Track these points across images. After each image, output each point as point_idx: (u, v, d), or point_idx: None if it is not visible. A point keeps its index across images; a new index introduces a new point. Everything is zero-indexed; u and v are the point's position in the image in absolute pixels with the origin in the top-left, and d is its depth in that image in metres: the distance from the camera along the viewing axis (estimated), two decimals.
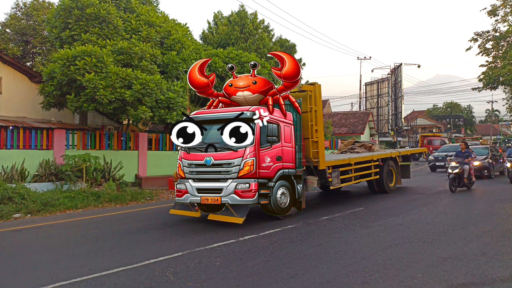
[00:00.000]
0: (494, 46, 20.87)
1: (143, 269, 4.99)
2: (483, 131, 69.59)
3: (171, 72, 14.26)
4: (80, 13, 12.90)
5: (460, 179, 12.09)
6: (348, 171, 10.19)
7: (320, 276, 4.60)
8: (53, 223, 8.53)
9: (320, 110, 8.92)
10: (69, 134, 13.21)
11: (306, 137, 8.63)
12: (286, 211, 7.97)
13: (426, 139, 34.17)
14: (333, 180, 9.34)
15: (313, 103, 8.77)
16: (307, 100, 8.72)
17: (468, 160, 12.33)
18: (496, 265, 4.85)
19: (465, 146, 12.90)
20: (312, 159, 8.67)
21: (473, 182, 12.56)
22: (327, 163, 9.09)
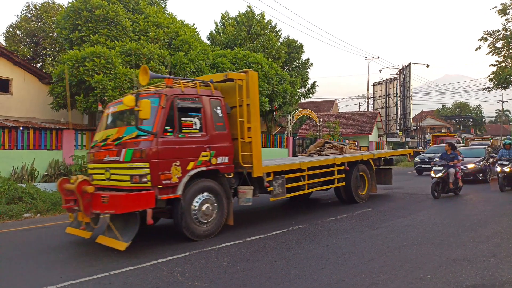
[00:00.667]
0: (504, 45, 20.62)
1: (151, 269, 5.02)
2: (493, 132, 68.67)
3: (179, 73, 14.32)
4: (89, 14, 13.03)
5: (445, 184, 11.07)
6: (299, 178, 8.52)
7: (328, 277, 4.58)
8: (63, 223, 8.61)
9: (255, 103, 7.26)
10: (78, 135, 13.34)
11: (236, 137, 7.11)
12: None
13: (438, 139, 33.44)
14: (275, 189, 7.70)
15: (245, 95, 7.10)
16: (236, 92, 7.14)
17: (453, 162, 11.21)
18: (507, 267, 4.79)
19: (449, 147, 11.74)
20: (243, 164, 7.05)
21: (460, 187, 11.55)
22: (266, 169, 7.44)
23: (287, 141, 21.87)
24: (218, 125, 6.84)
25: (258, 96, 7.38)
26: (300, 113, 25.93)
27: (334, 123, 29.74)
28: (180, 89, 6.60)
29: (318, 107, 42.04)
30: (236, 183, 7.24)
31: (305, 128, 34.45)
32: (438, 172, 10.96)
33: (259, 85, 17.61)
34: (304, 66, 29.82)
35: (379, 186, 11.80)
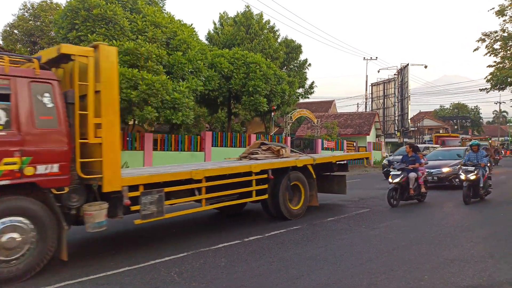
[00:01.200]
0: (502, 46, 20.68)
1: (149, 269, 5.00)
2: (491, 133, 68.89)
3: (177, 72, 14.29)
4: (87, 14, 12.99)
5: (404, 190, 9.83)
6: (192, 191, 6.48)
7: (326, 277, 4.58)
8: None
9: (110, 90, 5.38)
10: None
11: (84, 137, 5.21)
12: None
13: (440, 139, 33.16)
14: (144, 208, 5.68)
15: (91, 78, 5.21)
16: (75, 74, 5.28)
17: (413, 166, 9.97)
18: (504, 267, 4.79)
19: (411, 149, 10.56)
20: (83, 174, 5.16)
21: (424, 193, 10.29)
22: (129, 180, 5.54)
23: (285, 142, 21.87)
24: (42, 120, 4.91)
25: (116, 81, 5.48)
26: (298, 114, 25.93)
27: (332, 124, 29.78)
28: None
29: (316, 107, 42.06)
30: (80, 201, 5.23)
31: (303, 128, 34.46)
32: (395, 177, 9.70)
33: (258, 86, 17.62)
34: (302, 66, 29.82)
35: (338, 196, 10.49)
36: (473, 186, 9.95)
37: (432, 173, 13.03)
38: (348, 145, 28.18)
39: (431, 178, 13.02)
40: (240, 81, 18.00)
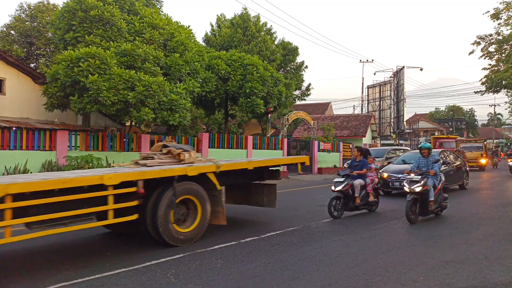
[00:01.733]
0: (497, 49, 20.85)
1: (144, 271, 5.00)
2: (486, 135, 69.33)
3: (174, 74, 14.30)
4: (84, 15, 12.98)
5: (349, 200, 8.62)
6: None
7: (321, 278, 4.60)
8: None
9: None
10: (72, 135, 13.26)
11: None
12: None
13: (438, 141, 32.90)
14: None
15: None
16: None
17: (359, 172, 8.77)
18: (498, 269, 4.83)
19: (359, 152, 9.23)
20: None
21: (374, 202, 9.14)
22: None
23: (282, 143, 21.91)
24: None
25: None
26: (295, 115, 25.99)
27: (328, 126, 29.85)
28: None
29: (313, 109, 42.16)
30: None
31: (300, 130, 34.53)
32: (338, 184, 8.51)
33: (254, 87, 17.67)
34: (299, 69, 29.92)
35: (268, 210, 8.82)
36: (420, 200, 7.94)
37: (399, 179, 11.73)
38: (345, 147, 28.27)
39: (399, 184, 11.69)
40: (237, 82, 18.04)
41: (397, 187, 11.94)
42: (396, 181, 12.04)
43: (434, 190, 8.05)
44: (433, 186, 8.04)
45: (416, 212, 7.91)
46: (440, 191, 8.39)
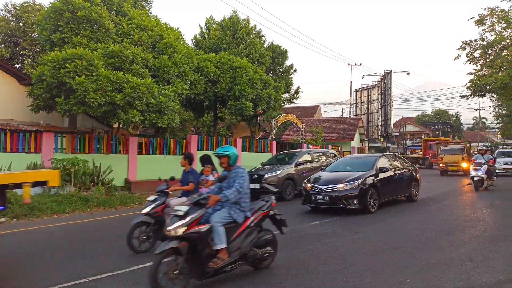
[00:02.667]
0: (481, 54, 21.24)
1: (131, 275, 4.93)
2: (471, 138, 70.64)
3: (163, 76, 14.21)
4: (71, 15, 12.82)
5: (161, 226, 6.05)
6: None
7: (309, 281, 4.61)
8: (40, 228, 8.40)
9: None
10: (58, 137, 13.05)
11: None
12: None
13: (428, 144, 32.51)
14: None
15: None
16: None
17: (184, 189, 6.65)
18: (483, 270, 4.91)
19: (186, 160, 6.90)
20: None
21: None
22: None
23: (271, 146, 21.93)
24: None
25: None
26: (284, 118, 26.06)
27: (317, 129, 30.01)
28: None
29: (301, 112, 42.35)
30: None
31: (289, 133, 34.64)
32: (148, 205, 6.20)
33: (244, 90, 17.67)
34: (288, 72, 30.03)
35: None
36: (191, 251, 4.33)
37: (323, 191, 9.35)
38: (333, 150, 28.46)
39: (322, 198, 9.33)
40: (226, 85, 18.02)
41: (320, 202, 9.48)
42: (318, 194, 9.43)
43: (236, 229, 4.66)
44: (228, 222, 4.59)
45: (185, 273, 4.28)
46: (251, 231, 4.86)
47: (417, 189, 11.72)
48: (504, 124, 41.23)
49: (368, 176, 9.65)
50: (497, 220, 8.61)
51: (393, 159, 11.64)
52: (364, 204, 9.24)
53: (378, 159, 10.53)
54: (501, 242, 6.44)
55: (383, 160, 10.80)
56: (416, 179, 11.80)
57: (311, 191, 9.63)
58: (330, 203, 9.28)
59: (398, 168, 11.16)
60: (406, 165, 11.81)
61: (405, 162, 12.03)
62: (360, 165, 10.67)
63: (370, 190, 9.44)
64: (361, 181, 9.36)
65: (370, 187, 9.47)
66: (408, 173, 11.45)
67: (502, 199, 12.01)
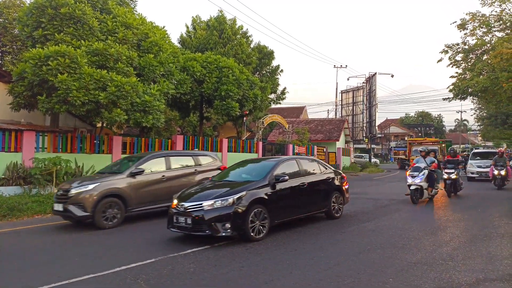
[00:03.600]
0: (463, 58, 21.70)
1: (114, 276, 4.86)
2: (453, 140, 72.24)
3: (148, 75, 14.06)
4: (54, 12, 12.56)
5: None
6: None
7: (295, 281, 4.62)
8: (20, 229, 8.19)
9: None
10: (39, 136, 12.76)
11: None
12: None
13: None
14: None
15: None
16: None
17: None
18: (463, 269, 5.01)
19: None
20: None
21: None
22: None
23: (257, 146, 21.95)
24: None
25: None
26: (270, 119, 26.11)
27: (303, 129, 30.18)
28: None
29: (288, 113, 42.52)
30: None
31: (275, 133, 34.73)
32: None
33: (230, 90, 17.63)
34: (274, 72, 30.11)
35: None
36: None
37: (186, 210, 6.72)
38: (319, 151, 28.66)
39: (184, 220, 6.72)
40: (213, 85, 17.95)
41: (182, 226, 6.78)
42: (181, 215, 6.78)
43: None
44: None
45: None
46: None
47: (340, 202, 9.08)
48: (485, 126, 42.25)
49: (254, 188, 7.00)
50: (477, 220, 8.78)
51: (305, 163, 8.69)
52: (241, 230, 6.57)
53: (278, 165, 7.83)
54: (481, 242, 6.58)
55: (286, 165, 8.06)
56: (340, 189, 9.13)
57: (174, 210, 6.97)
58: (193, 227, 6.60)
59: (311, 176, 8.45)
60: (326, 171, 9.06)
61: (326, 168, 9.22)
62: (258, 172, 7.82)
63: (254, 209, 6.73)
64: (239, 196, 6.67)
65: (254, 204, 6.78)
66: (328, 182, 8.82)
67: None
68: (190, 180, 9.76)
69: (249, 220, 6.67)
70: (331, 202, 8.77)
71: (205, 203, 6.67)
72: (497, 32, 20.51)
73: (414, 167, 12.01)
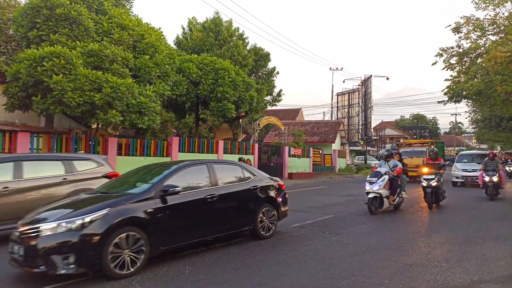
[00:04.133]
0: (458, 61, 21.82)
1: (107, 278, 4.82)
2: (448, 142, 72.66)
3: (144, 76, 14.03)
4: (49, 13, 12.51)
5: None
6: None
7: (290, 283, 4.61)
8: None
9: None
10: (34, 138, 12.68)
11: None
12: None
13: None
14: None
15: None
16: None
17: None
18: (458, 271, 5.04)
19: None
20: None
21: None
22: None
23: (253, 148, 21.95)
24: None
25: None
26: (266, 121, 26.14)
27: (299, 131, 30.25)
28: None
29: (284, 115, 42.59)
30: None
31: (271, 135, 34.76)
32: None
33: (226, 92, 17.64)
34: (270, 74, 30.16)
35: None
36: None
37: (21, 236, 4.86)
38: (314, 153, 28.72)
39: (18, 251, 4.80)
40: (209, 87, 17.95)
41: (16, 258, 4.83)
42: (16, 242, 4.90)
43: None
44: None
45: None
46: None
47: (272, 217, 7.14)
48: (479, 129, 42.57)
49: (125, 203, 5.18)
50: (472, 221, 8.82)
51: (222, 170, 6.82)
52: (94, 265, 4.72)
53: (176, 172, 6.01)
54: None
55: (189, 172, 6.27)
56: (272, 201, 7.24)
57: (12, 237, 5.07)
58: (25, 260, 4.71)
59: (227, 186, 6.59)
60: (253, 179, 7.10)
61: (254, 175, 7.23)
62: (145, 181, 6.09)
63: (120, 233, 4.89)
64: (94, 216, 4.79)
65: (123, 225, 4.96)
66: (253, 193, 6.91)
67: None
68: (55, 193, 7.22)
69: (109, 250, 4.70)
70: (257, 218, 6.83)
71: (44, 226, 4.71)
72: (491, 35, 20.69)
73: (374, 172, 10.36)
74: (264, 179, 7.41)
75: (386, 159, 10.62)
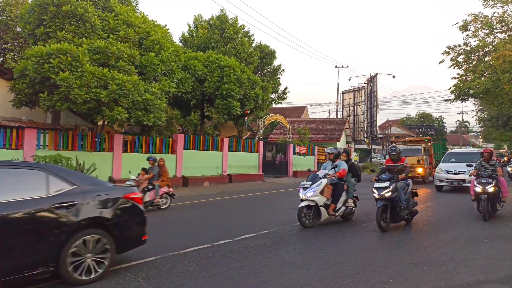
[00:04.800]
0: (465, 59, 21.65)
1: (113, 274, 4.86)
2: (454, 141, 72.07)
3: (149, 73, 14.07)
4: (56, 10, 12.57)
5: None
6: None
7: (294, 281, 4.61)
8: None
9: None
10: (41, 134, 12.78)
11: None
12: None
13: None
14: None
15: None
16: None
17: None
18: (463, 271, 5.00)
19: None
20: None
21: None
22: None
23: (258, 146, 21.95)
24: None
25: None
26: (271, 118, 26.11)
27: (304, 129, 30.17)
28: None
29: (289, 113, 42.50)
30: None
31: (276, 133, 34.72)
32: None
33: (231, 89, 17.63)
34: (276, 72, 30.10)
35: None
36: None
37: None
38: (319, 151, 28.65)
39: None
40: (214, 84, 17.95)
41: None
42: None
43: None
44: None
45: None
46: None
47: (101, 248, 4.69)
48: (486, 128, 42.21)
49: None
50: (478, 220, 8.76)
51: (5, 178, 4.34)
52: None
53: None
54: None
55: None
56: (104, 222, 4.77)
57: None
58: None
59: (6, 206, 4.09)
60: (64, 191, 4.55)
61: (72, 184, 4.66)
62: None
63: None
64: None
65: None
66: (58, 213, 4.38)
67: None
68: None
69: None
70: (66, 252, 4.36)
71: None
72: (499, 33, 20.48)
73: (311, 175, 8.35)
74: (94, 191, 4.82)
75: (333, 159, 8.61)
